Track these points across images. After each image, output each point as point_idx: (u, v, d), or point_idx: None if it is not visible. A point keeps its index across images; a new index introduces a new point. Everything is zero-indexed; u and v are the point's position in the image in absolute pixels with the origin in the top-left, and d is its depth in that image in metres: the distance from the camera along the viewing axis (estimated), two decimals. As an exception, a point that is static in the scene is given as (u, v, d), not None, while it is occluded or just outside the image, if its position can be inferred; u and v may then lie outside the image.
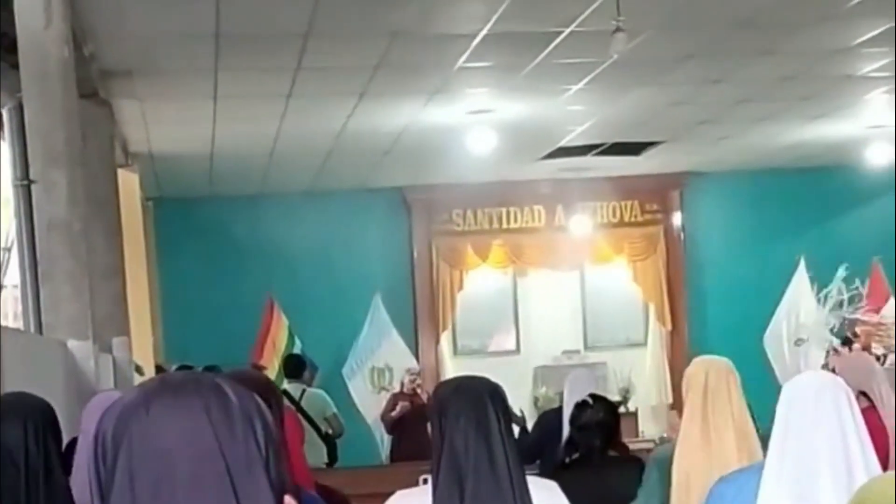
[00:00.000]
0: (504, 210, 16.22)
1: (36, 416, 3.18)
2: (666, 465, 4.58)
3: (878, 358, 13.41)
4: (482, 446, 3.27)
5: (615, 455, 5.89)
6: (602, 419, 5.82)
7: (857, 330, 13.32)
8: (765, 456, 3.21)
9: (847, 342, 13.31)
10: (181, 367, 11.27)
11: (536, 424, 8.56)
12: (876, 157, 14.16)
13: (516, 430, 9.48)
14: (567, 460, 5.85)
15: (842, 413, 3.05)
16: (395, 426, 12.35)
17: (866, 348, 13.31)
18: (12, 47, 6.28)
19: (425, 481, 3.38)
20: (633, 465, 5.84)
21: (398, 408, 12.29)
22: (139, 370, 8.44)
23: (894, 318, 14.60)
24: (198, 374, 1.63)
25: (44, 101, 6.12)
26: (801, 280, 14.84)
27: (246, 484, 1.54)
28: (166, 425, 1.53)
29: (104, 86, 9.08)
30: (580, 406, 5.90)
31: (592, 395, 6.04)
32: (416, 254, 16.09)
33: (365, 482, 7.39)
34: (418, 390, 12.57)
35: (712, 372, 4.57)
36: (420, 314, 15.99)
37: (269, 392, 3.34)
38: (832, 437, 3.02)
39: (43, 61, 6.13)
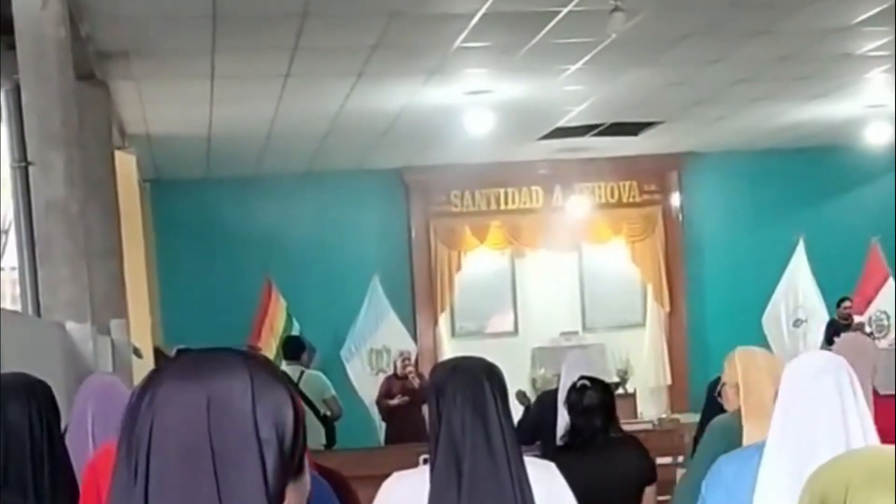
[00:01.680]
0: (502, 191, 16.21)
1: (38, 394, 3.23)
2: (732, 435, 4.55)
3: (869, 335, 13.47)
4: (479, 426, 3.27)
5: (615, 436, 5.88)
6: (602, 400, 5.81)
7: None
8: None
9: (836, 329, 13.33)
10: (180, 351, 11.27)
11: (534, 405, 8.56)
12: (875, 137, 14.15)
13: (521, 409, 9.50)
14: (569, 444, 5.83)
15: (843, 392, 3.05)
16: (390, 413, 12.41)
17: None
18: (9, 29, 6.26)
19: (425, 461, 3.37)
20: (633, 444, 5.84)
21: (396, 398, 12.34)
22: (137, 352, 8.43)
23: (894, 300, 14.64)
24: (223, 355, 1.64)
25: (40, 83, 6.10)
26: (799, 261, 14.87)
27: (232, 476, 1.55)
28: (166, 409, 1.56)
29: (101, 67, 9.06)
30: (578, 390, 5.88)
31: (587, 377, 6.02)
32: (413, 235, 16.09)
33: (363, 464, 7.39)
34: (410, 374, 12.61)
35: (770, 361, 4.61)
36: (418, 296, 15.99)
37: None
38: (832, 416, 3.01)
39: (39, 42, 6.11)
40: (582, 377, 6.00)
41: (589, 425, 5.72)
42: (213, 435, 1.55)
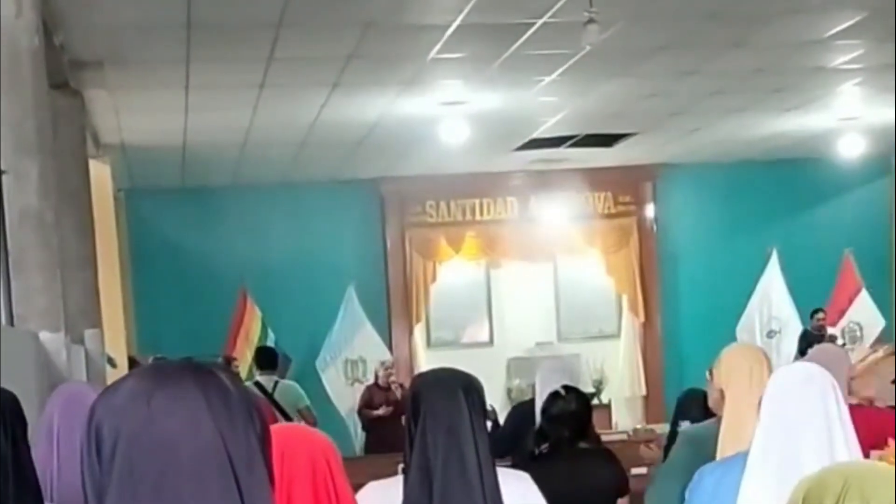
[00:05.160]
0: (477, 202, 16.23)
1: (3, 405, 3.19)
2: (701, 446, 4.52)
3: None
4: (452, 441, 3.26)
5: (585, 447, 5.86)
6: (573, 410, 5.79)
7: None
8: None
9: (809, 341, 13.39)
10: (157, 360, 11.24)
11: (510, 416, 8.55)
12: (848, 149, 14.22)
13: (488, 424, 9.49)
14: (536, 451, 5.83)
15: (827, 404, 3.07)
16: (372, 422, 12.37)
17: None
18: (-18, 37, 6.23)
19: (403, 470, 3.37)
20: (604, 455, 5.83)
21: (381, 409, 12.28)
22: (111, 362, 8.40)
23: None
24: (194, 363, 1.63)
25: (14, 92, 6.07)
26: (773, 272, 14.94)
27: (247, 478, 1.53)
28: (168, 417, 1.53)
29: (75, 76, 9.03)
30: (552, 397, 5.89)
31: (565, 387, 6.02)
32: (389, 245, 16.09)
33: (338, 474, 7.36)
34: (392, 384, 12.58)
35: (756, 366, 4.51)
36: (393, 306, 15.99)
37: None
38: (817, 427, 3.03)
39: (13, 51, 6.08)
40: (563, 386, 6.00)
41: (556, 433, 5.71)
42: (225, 439, 1.53)
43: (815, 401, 3.07)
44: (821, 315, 14.50)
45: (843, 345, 14.01)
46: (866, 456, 3.30)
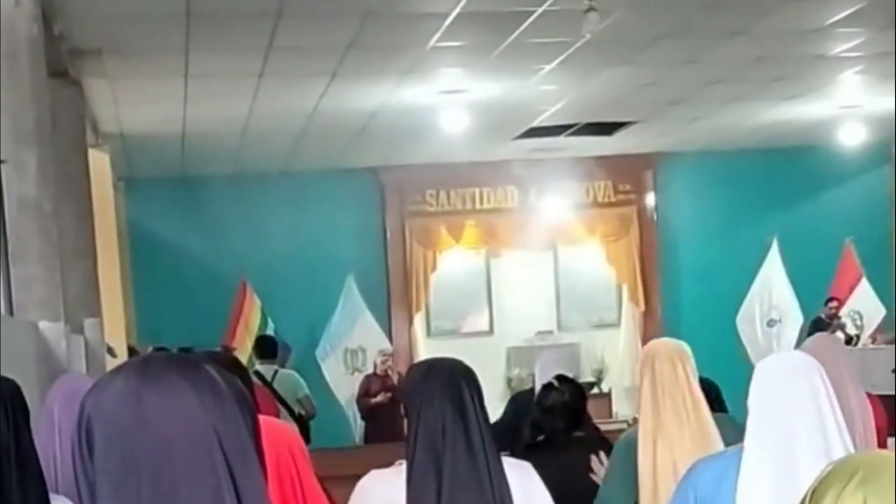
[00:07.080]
0: (477, 190, 16.21)
1: (4, 393, 3.19)
2: (632, 450, 4.55)
3: (849, 339, 13.52)
4: (459, 425, 3.27)
5: (580, 435, 5.87)
6: (567, 401, 5.80)
7: None
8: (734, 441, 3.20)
9: (820, 328, 13.38)
10: (157, 350, 11.24)
11: (509, 405, 8.54)
12: (848, 138, 14.21)
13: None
14: (532, 442, 5.84)
15: (817, 392, 3.04)
16: (371, 411, 12.37)
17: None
18: (-19, 26, 6.21)
19: (401, 463, 3.37)
20: (599, 445, 5.83)
21: (379, 396, 12.29)
22: (111, 352, 8.39)
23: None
24: (181, 357, 1.61)
25: (13, 81, 6.06)
26: (773, 261, 14.92)
27: (243, 471, 1.52)
28: (160, 417, 1.51)
29: (74, 65, 9.02)
30: (545, 388, 5.90)
31: (559, 377, 6.02)
32: (389, 234, 16.08)
33: (338, 464, 7.37)
34: (390, 371, 12.60)
35: (658, 357, 4.54)
36: (393, 295, 15.98)
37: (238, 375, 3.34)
38: (808, 417, 3.00)
39: (12, 40, 6.07)
40: (556, 376, 6.00)
41: (550, 425, 5.72)
42: (220, 434, 1.53)
43: (803, 389, 3.04)
44: (834, 304, 14.52)
45: (850, 339, 14.01)
46: (882, 444, 3.29)
